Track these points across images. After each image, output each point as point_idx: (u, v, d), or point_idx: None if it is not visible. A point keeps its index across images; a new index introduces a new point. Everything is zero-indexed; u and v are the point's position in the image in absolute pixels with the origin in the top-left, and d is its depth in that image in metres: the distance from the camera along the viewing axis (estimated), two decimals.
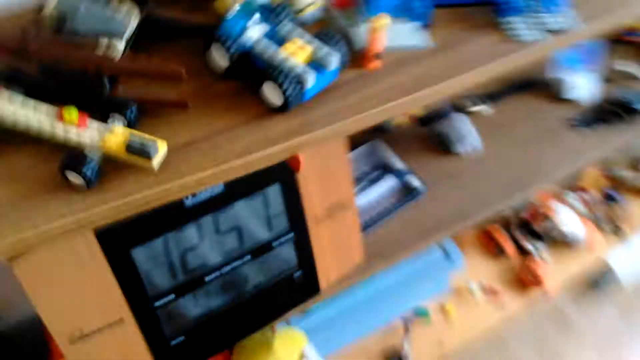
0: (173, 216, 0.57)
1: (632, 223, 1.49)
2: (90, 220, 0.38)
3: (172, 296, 0.62)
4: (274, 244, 0.67)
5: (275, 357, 0.82)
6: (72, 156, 0.39)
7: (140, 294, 0.60)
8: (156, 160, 0.41)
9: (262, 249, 0.66)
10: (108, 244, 0.54)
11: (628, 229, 1.48)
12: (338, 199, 0.71)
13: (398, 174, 0.89)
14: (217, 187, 0.58)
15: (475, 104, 1.03)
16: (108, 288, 0.57)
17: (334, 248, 0.74)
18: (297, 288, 0.73)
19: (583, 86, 1.06)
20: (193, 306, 0.65)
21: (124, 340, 0.61)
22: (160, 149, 0.42)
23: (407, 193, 0.87)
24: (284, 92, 0.46)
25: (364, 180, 0.88)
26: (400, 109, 0.50)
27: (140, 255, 0.57)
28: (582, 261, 1.42)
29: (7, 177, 0.41)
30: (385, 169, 0.90)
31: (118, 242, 0.55)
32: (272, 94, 0.48)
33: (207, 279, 0.64)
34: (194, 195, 0.57)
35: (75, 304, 0.56)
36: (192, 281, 0.63)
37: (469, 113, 1.01)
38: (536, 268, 1.31)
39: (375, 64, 0.53)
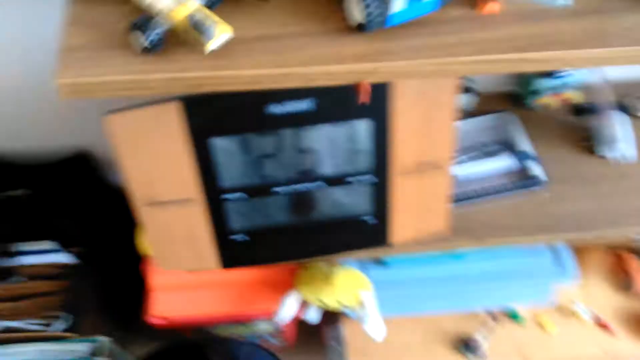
0: (257, 119, 0.58)
1: None
2: (141, 85, 0.40)
3: (241, 194, 0.64)
4: (351, 179, 0.65)
5: (332, 289, 0.82)
6: (142, 19, 0.40)
7: (212, 181, 0.63)
8: (212, 42, 0.40)
9: (337, 180, 0.65)
10: (193, 120, 0.57)
11: None
12: (433, 157, 0.66)
13: (519, 155, 0.79)
14: (307, 103, 0.58)
15: None
16: (186, 166, 0.61)
17: (416, 207, 0.70)
18: (366, 232, 0.71)
19: None
20: (260, 212, 0.67)
21: (191, 219, 0.66)
22: (219, 33, 0.41)
23: (522, 179, 0.78)
24: (365, 8, 0.42)
25: (478, 150, 0.80)
26: (502, 67, 0.43)
27: (219, 144, 0.60)
28: None
29: (91, 24, 0.43)
30: (507, 146, 0.81)
31: (201, 120, 0.58)
32: (354, 8, 0.44)
33: (277, 190, 0.65)
34: (281, 104, 0.57)
35: (156, 170, 0.61)
36: (263, 187, 0.64)
37: (635, 117, 0.86)
38: None
39: (492, 8, 0.46)
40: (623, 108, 0.86)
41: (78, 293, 0.97)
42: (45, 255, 1.01)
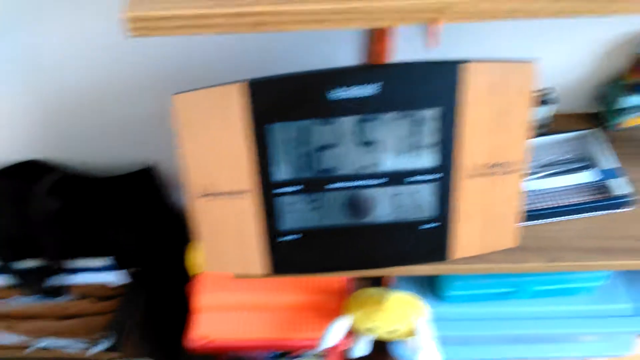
0: (319, 104, 0.56)
1: None
2: (206, 22, 0.39)
3: (296, 188, 0.61)
4: (413, 178, 0.61)
5: (384, 314, 0.76)
6: None
7: (268, 173, 0.60)
8: None
9: (399, 178, 0.61)
10: (257, 104, 0.56)
11: None
12: (504, 158, 0.61)
13: (602, 172, 0.73)
14: (371, 87, 0.55)
15: None
16: (245, 154, 0.59)
17: (483, 216, 0.65)
18: (426, 242, 0.65)
19: None
20: (314, 211, 0.63)
21: (243, 215, 0.63)
22: None
23: (605, 198, 0.71)
24: None
25: (557, 166, 0.74)
26: None
27: (280, 130, 0.58)
28: None
29: None
30: (588, 163, 0.75)
31: (265, 105, 0.56)
32: None
33: (334, 186, 0.61)
34: (345, 88, 0.55)
35: (214, 157, 0.59)
36: (320, 182, 0.61)
37: None
38: None
39: None
40: None
41: (125, 314, 0.95)
42: (98, 273, 1.00)
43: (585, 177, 0.73)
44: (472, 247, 0.67)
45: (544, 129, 0.79)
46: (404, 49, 0.71)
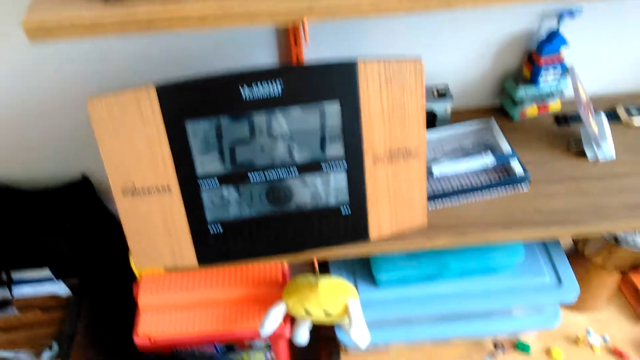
0: (229, 101, 0.61)
1: None
2: (98, 26, 0.43)
3: (217, 181, 0.66)
4: (324, 165, 0.66)
5: (317, 298, 0.81)
6: None
7: (187, 168, 0.65)
8: None
9: (310, 167, 0.66)
10: (166, 106, 0.60)
11: None
12: (404, 144, 0.67)
13: (501, 155, 0.80)
14: (275, 85, 0.60)
15: (635, 115, 0.88)
16: (162, 152, 0.63)
17: (392, 198, 0.70)
18: (343, 225, 0.70)
19: None
20: (235, 202, 0.67)
21: (168, 209, 0.67)
22: None
23: (504, 177, 0.78)
24: None
25: (460, 152, 0.81)
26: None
27: (193, 128, 0.62)
28: None
29: None
30: (488, 148, 0.82)
31: (175, 106, 0.60)
32: None
33: (252, 177, 0.66)
34: (252, 86, 0.60)
35: (132, 155, 0.63)
36: (238, 175, 0.66)
37: (625, 122, 0.87)
38: None
39: None
40: (611, 115, 0.88)
41: (70, 324, 0.97)
42: (42, 285, 1.02)
43: (486, 161, 0.79)
44: (386, 228, 0.72)
45: (449, 119, 0.85)
46: (313, 49, 0.77)
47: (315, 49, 0.82)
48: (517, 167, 0.79)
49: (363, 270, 1.00)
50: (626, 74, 0.93)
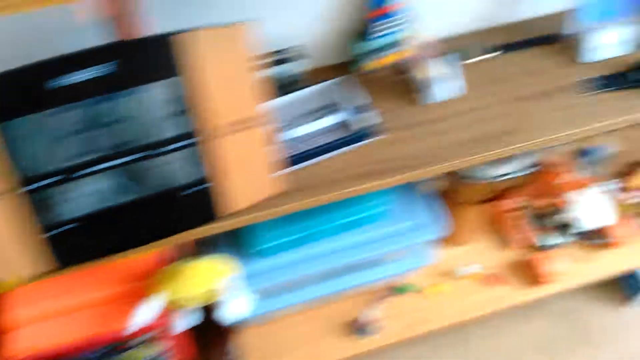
0: (41, 94, 0.57)
1: None
2: None
3: (54, 179, 0.61)
4: (169, 146, 0.64)
5: (191, 282, 0.80)
6: None
7: (19, 170, 0.60)
8: None
9: (155, 149, 0.64)
10: None
11: None
12: (244, 114, 0.66)
13: (351, 110, 0.82)
14: (96, 70, 0.57)
15: (480, 53, 0.93)
16: None
17: (244, 170, 0.70)
18: (199, 204, 0.69)
19: (610, 44, 0.91)
20: (83, 198, 0.64)
21: (7, 214, 0.62)
22: None
23: (355, 131, 0.80)
24: None
25: (314, 113, 0.82)
26: None
27: (12, 129, 0.57)
28: (609, 265, 1.24)
29: None
30: (340, 105, 0.83)
31: None
32: None
33: (93, 169, 0.62)
34: (70, 74, 0.56)
35: None
36: (77, 168, 0.62)
37: (469, 61, 0.93)
38: (546, 264, 1.17)
39: None
40: (462, 55, 0.93)
41: None
42: None
43: (337, 118, 0.81)
44: (241, 200, 0.72)
45: (299, 83, 0.86)
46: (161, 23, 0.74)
47: (163, 23, 0.78)
48: (368, 120, 0.81)
49: (241, 241, 1.00)
50: (473, 13, 0.98)
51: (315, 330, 1.15)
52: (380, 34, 0.87)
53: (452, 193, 1.10)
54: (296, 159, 0.77)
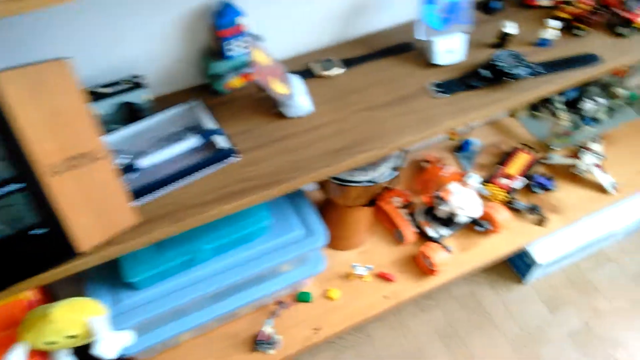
0: None
1: (561, 211, 1.39)
2: None
3: None
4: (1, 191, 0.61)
5: (54, 326, 0.76)
6: None
7: None
8: None
9: None
10: None
11: (555, 217, 1.37)
12: (81, 149, 0.64)
13: (205, 133, 0.82)
14: None
15: (328, 68, 0.96)
16: None
17: (90, 206, 0.68)
18: (47, 246, 0.66)
19: (452, 49, 0.97)
20: None
21: None
22: None
23: (212, 154, 0.80)
24: None
25: (169, 137, 0.81)
26: None
27: None
28: (494, 249, 1.32)
29: None
30: (193, 129, 0.83)
31: None
32: None
33: None
34: None
35: None
36: None
37: (319, 76, 0.95)
38: (435, 255, 1.22)
39: None
40: (307, 72, 0.95)
41: None
42: None
43: (193, 142, 0.81)
44: (95, 235, 0.70)
45: (146, 111, 0.84)
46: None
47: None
48: (222, 141, 0.81)
49: (120, 277, 0.97)
50: (314, 31, 1.00)
51: (220, 351, 1.14)
52: (235, 52, 0.87)
53: (336, 199, 1.12)
54: (152, 187, 0.76)
